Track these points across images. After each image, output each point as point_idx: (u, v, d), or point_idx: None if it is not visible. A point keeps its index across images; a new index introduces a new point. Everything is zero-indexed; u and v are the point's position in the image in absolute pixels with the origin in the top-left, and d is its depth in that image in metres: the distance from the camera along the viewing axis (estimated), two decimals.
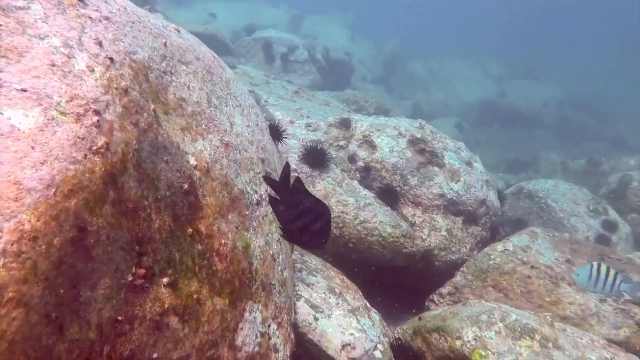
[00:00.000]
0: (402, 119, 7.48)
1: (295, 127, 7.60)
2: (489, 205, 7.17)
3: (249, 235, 3.96)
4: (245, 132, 4.43)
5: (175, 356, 3.02)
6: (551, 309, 5.94)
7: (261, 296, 3.92)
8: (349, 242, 6.03)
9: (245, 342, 3.60)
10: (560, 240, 7.31)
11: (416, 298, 6.70)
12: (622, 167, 14.53)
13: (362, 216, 6.02)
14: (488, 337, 4.56)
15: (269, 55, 14.58)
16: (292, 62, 14.66)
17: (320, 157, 6.34)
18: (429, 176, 6.74)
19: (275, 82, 10.64)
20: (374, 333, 4.84)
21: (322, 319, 4.55)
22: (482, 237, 7.16)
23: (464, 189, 6.84)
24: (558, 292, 6.05)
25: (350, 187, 6.28)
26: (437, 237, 6.53)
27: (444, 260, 6.58)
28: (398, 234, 6.04)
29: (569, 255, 6.82)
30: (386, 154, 6.85)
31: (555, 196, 10.68)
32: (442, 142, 7.19)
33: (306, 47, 15.03)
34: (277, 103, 8.62)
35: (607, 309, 6.02)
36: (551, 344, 4.60)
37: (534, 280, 6.12)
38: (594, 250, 7.18)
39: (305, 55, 14.69)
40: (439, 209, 6.66)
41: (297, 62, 14.70)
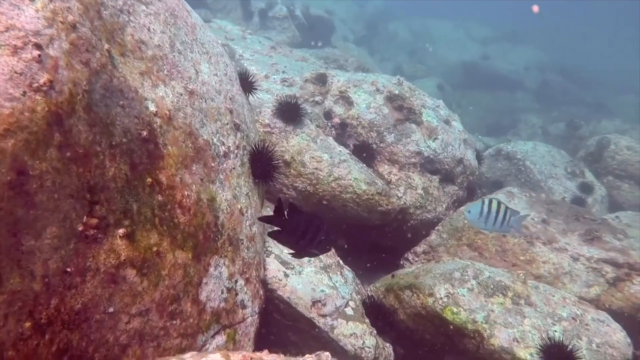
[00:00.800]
0: (380, 75, 7.28)
1: (271, 82, 7.36)
2: (466, 165, 7.07)
3: (215, 188, 3.79)
4: (213, 81, 4.21)
5: (133, 310, 2.88)
6: (525, 268, 5.93)
7: (228, 251, 3.78)
8: (323, 200, 5.90)
9: (210, 297, 3.47)
10: (537, 200, 7.28)
11: (393, 257, 6.65)
12: (601, 130, 14.54)
13: (337, 173, 5.88)
14: (460, 294, 4.50)
15: (246, 10, 14.11)
16: (270, 19, 14.22)
17: (295, 112, 6.14)
18: (406, 133, 6.59)
19: (251, 37, 10.29)
20: (345, 290, 4.76)
21: (292, 276, 4.45)
22: (458, 196, 7.08)
23: (441, 147, 6.71)
24: (533, 251, 6.02)
25: (325, 143, 6.11)
26: (413, 195, 6.43)
27: (420, 218, 6.50)
28: (373, 191, 5.92)
29: (545, 215, 6.80)
30: (363, 110, 6.66)
31: (534, 158, 10.64)
32: (420, 99, 7.03)
33: (285, 3, 14.57)
34: (252, 58, 8.33)
35: (579, 267, 6.02)
36: (523, 300, 4.57)
37: (509, 239, 6.08)
38: (570, 211, 7.17)
39: (285, 11, 14.24)
40: (415, 167, 6.54)
41: (275, 19, 14.26)
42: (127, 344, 2.82)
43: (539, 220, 6.60)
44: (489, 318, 4.35)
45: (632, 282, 6.03)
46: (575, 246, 6.23)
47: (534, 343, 4.20)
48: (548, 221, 6.68)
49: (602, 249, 6.29)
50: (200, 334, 3.34)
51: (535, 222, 6.48)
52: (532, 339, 4.24)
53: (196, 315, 3.30)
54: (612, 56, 26.09)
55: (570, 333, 4.39)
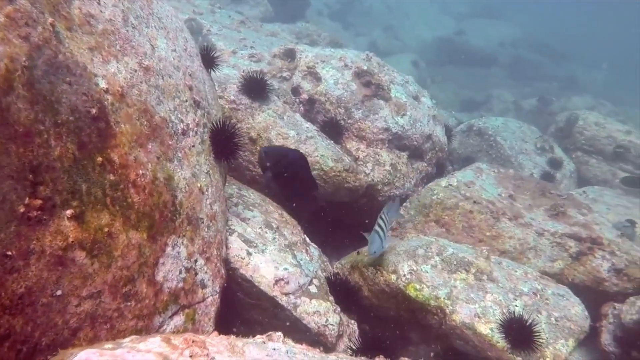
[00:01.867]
0: (349, 50, 7.19)
1: (238, 58, 7.22)
2: (435, 141, 7.07)
3: (173, 167, 3.71)
4: (170, 57, 4.09)
5: (84, 293, 2.81)
6: (491, 243, 5.99)
7: (186, 230, 3.72)
8: None
9: (168, 277, 3.42)
10: (505, 176, 7.34)
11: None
12: (571, 106, 14.68)
13: (304, 149, 5.81)
14: (424, 271, 4.53)
15: None
16: None
17: (261, 88, 6.04)
18: (374, 109, 6.54)
19: (221, 11, 10.06)
20: (310, 268, 4.75)
21: (255, 254, 4.41)
22: (427, 172, 7.09)
23: (409, 124, 6.69)
24: (498, 226, 6.08)
25: (291, 119, 6.04)
26: (381, 171, 6.41)
27: (388, 195, 6.50)
28: (340, 168, 5.89)
29: (512, 191, 6.86)
30: (331, 86, 6.59)
31: (505, 134, 10.71)
32: (389, 75, 6.97)
33: None
34: (220, 32, 8.15)
35: (544, 242, 6.11)
36: (486, 276, 4.61)
37: (475, 215, 6.12)
38: (537, 186, 7.24)
39: None
40: (383, 143, 6.51)
41: None
42: (77, 327, 2.76)
43: (506, 196, 6.66)
44: (451, 294, 4.39)
45: (594, 256, 6.15)
46: (540, 221, 6.31)
47: (495, 318, 4.25)
48: (515, 197, 6.75)
49: (567, 224, 6.38)
50: (157, 315, 3.29)
51: (502, 198, 6.54)
52: (493, 314, 4.30)
53: (152, 296, 3.24)
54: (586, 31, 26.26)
55: (530, 307, 4.45)
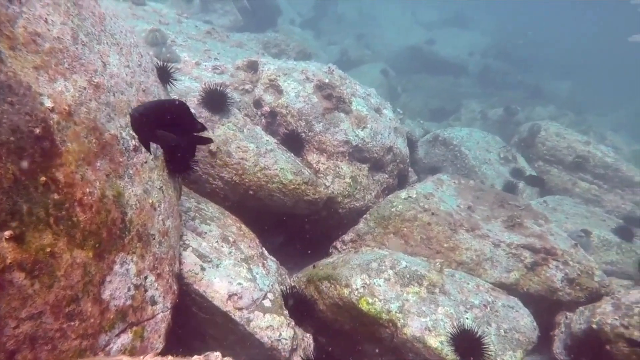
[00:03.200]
0: (311, 63, 7.26)
1: (201, 69, 7.23)
2: (396, 153, 7.18)
3: (123, 184, 3.71)
4: (123, 73, 4.09)
5: (23, 314, 2.80)
6: (449, 255, 6.10)
7: (136, 247, 3.72)
8: (249, 190, 5.88)
9: (115, 295, 3.42)
10: (465, 187, 7.47)
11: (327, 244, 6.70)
12: (535, 116, 15.03)
13: (263, 163, 5.86)
14: (377, 285, 4.60)
15: None
16: (212, 1, 13.92)
17: (221, 101, 6.06)
18: (335, 122, 6.62)
19: (187, 21, 10.06)
20: (266, 282, 4.78)
21: (209, 269, 4.43)
22: (388, 184, 7.19)
23: (370, 136, 6.78)
24: (456, 238, 6.20)
25: (252, 132, 6.07)
26: (341, 184, 6.48)
27: (348, 207, 6.57)
28: (299, 181, 5.94)
29: (471, 202, 6.99)
30: (292, 98, 6.65)
31: (469, 144, 10.91)
32: (350, 88, 7.06)
33: None
34: (184, 43, 8.15)
35: (500, 253, 6.24)
36: (438, 289, 4.70)
37: (433, 227, 6.23)
38: (496, 197, 7.40)
39: None
40: (344, 156, 6.59)
41: (217, 1, 13.96)
42: (15, 349, 2.75)
43: (465, 208, 6.79)
44: (403, 307, 4.47)
45: (548, 267, 6.31)
46: (497, 233, 6.45)
47: (445, 331, 4.34)
48: (474, 208, 6.88)
49: (522, 235, 6.53)
50: (102, 333, 3.29)
51: (460, 210, 6.67)
52: (443, 327, 4.39)
53: (98, 314, 3.24)
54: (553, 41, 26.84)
55: (481, 320, 4.56)
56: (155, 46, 7.57)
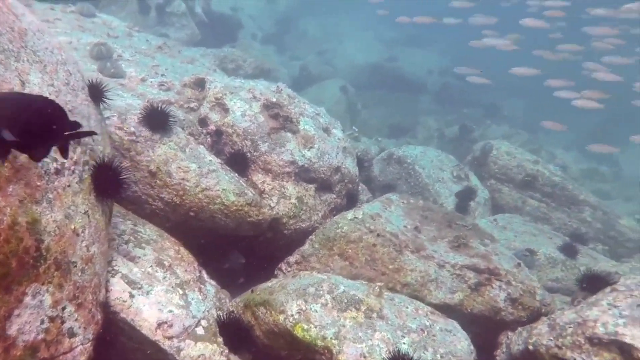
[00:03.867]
0: (259, 82, 7.19)
1: (147, 86, 7.08)
2: (344, 173, 7.15)
3: (40, 209, 3.54)
4: (46, 92, 3.93)
5: None
6: (394, 277, 6.07)
7: (54, 276, 3.54)
8: (190, 211, 5.75)
9: (24, 330, 3.23)
10: (414, 207, 7.49)
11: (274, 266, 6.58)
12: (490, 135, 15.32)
13: (205, 183, 5.74)
14: (313, 310, 4.51)
15: (143, 5, 13.56)
16: (168, 15, 13.76)
17: (164, 119, 5.92)
18: (281, 142, 6.55)
19: (139, 35, 9.87)
20: (201, 308, 4.65)
21: (139, 296, 4.27)
22: (336, 204, 7.15)
23: (317, 156, 6.74)
24: (401, 259, 6.17)
25: (194, 152, 5.95)
26: (287, 205, 6.41)
27: (294, 228, 6.50)
28: (242, 202, 5.84)
29: (419, 223, 7.00)
30: (238, 117, 6.56)
31: (423, 162, 11.00)
32: (299, 107, 7.02)
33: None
34: (132, 58, 7.98)
35: (445, 274, 6.25)
36: (375, 314, 4.65)
37: (378, 249, 6.20)
38: (444, 217, 7.42)
39: (183, 7, 13.83)
40: (289, 176, 6.52)
41: (174, 15, 13.82)
42: None
43: (411, 228, 6.78)
44: (339, 334, 4.39)
45: (492, 287, 6.35)
46: (442, 253, 6.45)
47: (381, 357, 4.29)
48: (420, 228, 6.89)
49: (467, 256, 6.56)
50: None
51: (407, 230, 6.65)
52: (379, 353, 4.33)
53: (1, 352, 3.05)
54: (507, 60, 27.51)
55: (417, 344, 4.52)
56: (100, 60, 7.37)
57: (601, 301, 5.14)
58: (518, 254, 7.76)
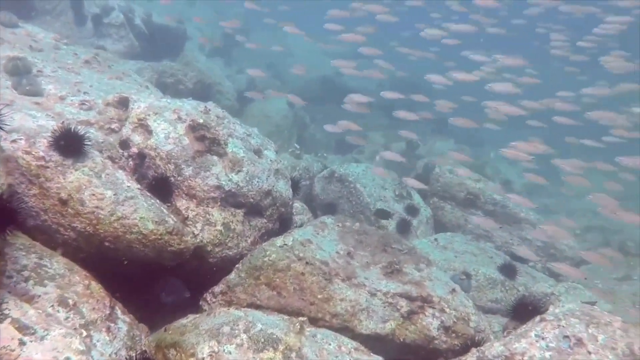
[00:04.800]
0: (186, 102, 6.87)
1: (66, 105, 6.67)
2: (275, 196, 6.90)
3: None
4: None
5: None
6: (323, 306, 5.85)
7: None
8: (105, 241, 5.38)
9: None
10: (349, 230, 7.30)
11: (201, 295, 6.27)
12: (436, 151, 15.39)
13: (121, 211, 5.38)
14: (226, 352, 4.23)
15: (79, 15, 13.01)
16: (106, 26, 13.25)
17: (77, 143, 5.55)
18: (206, 166, 6.26)
19: (67, 47, 9.37)
20: (108, 350, 4.31)
21: (31, 343, 3.89)
22: (268, 229, 6.88)
23: (245, 180, 6.47)
24: (330, 288, 5.96)
25: (111, 178, 5.59)
26: (212, 232, 6.10)
27: (220, 256, 6.20)
28: (162, 230, 5.51)
29: (352, 248, 6.81)
30: (161, 140, 6.23)
31: (365, 181, 10.89)
32: (228, 129, 6.74)
33: (123, 9, 13.66)
34: (53, 74, 7.52)
35: (376, 303, 6.07)
36: (295, 354, 4.41)
37: (307, 277, 5.97)
38: (379, 241, 7.26)
39: (121, 18, 13.34)
40: (215, 202, 6.22)
41: (112, 26, 13.31)
42: None
43: (344, 254, 6.58)
44: None
45: (425, 315, 6.21)
46: (374, 281, 6.28)
47: None
48: (354, 254, 6.70)
49: (400, 282, 6.40)
50: None
51: (338, 257, 6.45)
52: None
53: None
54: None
55: None
56: (16, 76, 6.91)
57: (530, 332, 5.04)
58: (454, 278, 7.68)
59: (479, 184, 11.43)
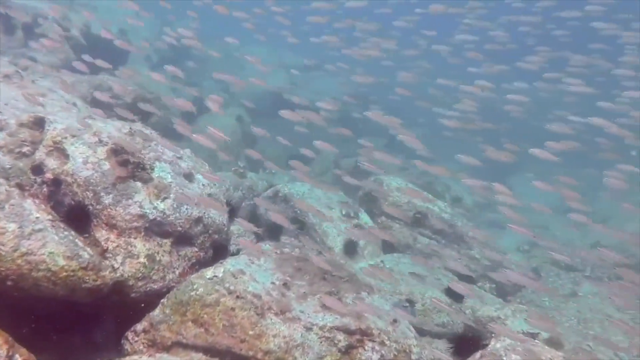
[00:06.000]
0: (110, 123, 6.39)
1: None
2: (207, 223, 6.47)
3: None
4: None
5: None
6: (254, 343, 5.46)
7: None
8: (8, 280, 4.86)
9: None
10: (287, 258, 6.94)
11: None
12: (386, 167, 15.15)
13: (26, 246, 4.87)
14: None
15: (8, 24, 12.25)
16: (38, 36, 12.53)
17: None
18: (128, 193, 5.79)
19: None
20: None
21: None
22: (199, 258, 6.45)
23: (172, 208, 6.02)
24: (262, 324, 5.57)
25: (16, 209, 5.06)
26: (134, 264, 5.63)
27: (144, 291, 5.72)
28: (74, 266, 5.02)
29: (289, 277, 6.44)
30: (79, 165, 5.73)
31: (310, 200, 10.54)
32: (155, 152, 6.29)
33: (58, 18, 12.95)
34: None
35: (312, 338, 5.71)
36: None
37: (237, 313, 5.56)
38: (319, 268, 6.91)
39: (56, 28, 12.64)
40: (138, 232, 5.76)
41: (45, 36, 12.59)
42: None
43: (279, 285, 6.20)
44: None
45: (364, 349, 5.88)
46: (310, 314, 5.91)
47: None
48: (290, 284, 6.33)
49: (338, 314, 6.05)
50: None
51: (272, 289, 6.06)
52: None
53: None
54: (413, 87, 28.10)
55: None
56: None
57: None
58: (398, 305, 7.40)
59: (427, 202, 11.26)
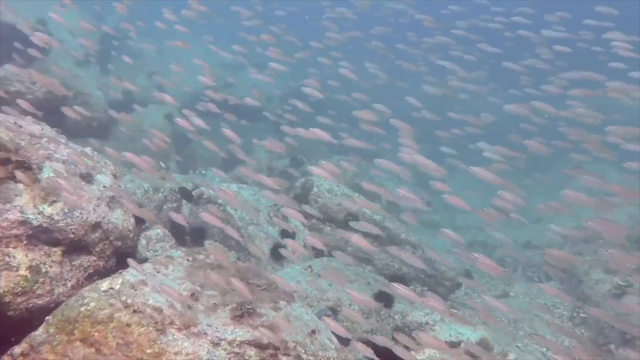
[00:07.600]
0: None
1: None
2: (107, 229, 5.84)
3: None
4: None
5: None
6: None
7: None
8: None
9: None
10: (201, 265, 6.40)
11: None
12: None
13: None
14: None
15: None
16: None
17: None
18: (7, 197, 5.10)
19: None
20: None
21: None
22: (98, 268, 5.82)
23: (62, 213, 5.37)
24: (162, 341, 5.00)
25: None
26: (12, 278, 4.95)
27: (25, 307, 5.05)
28: None
29: (200, 287, 5.91)
30: None
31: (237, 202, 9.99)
32: (46, 150, 5.61)
33: None
34: None
35: (220, 354, 5.20)
36: None
37: (134, 329, 4.97)
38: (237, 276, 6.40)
39: None
40: (19, 240, 5.08)
41: None
42: None
43: (187, 296, 5.65)
44: None
45: None
46: (218, 328, 5.39)
47: None
48: (200, 294, 5.79)
49: (251, 327, 5.57)
50: None
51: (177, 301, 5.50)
52: None
53: None
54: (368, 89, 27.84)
55: None
56: None
57: None
58: (320, 314, 6.99)
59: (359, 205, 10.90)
